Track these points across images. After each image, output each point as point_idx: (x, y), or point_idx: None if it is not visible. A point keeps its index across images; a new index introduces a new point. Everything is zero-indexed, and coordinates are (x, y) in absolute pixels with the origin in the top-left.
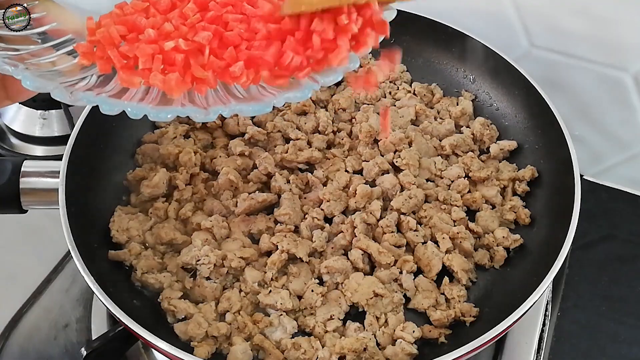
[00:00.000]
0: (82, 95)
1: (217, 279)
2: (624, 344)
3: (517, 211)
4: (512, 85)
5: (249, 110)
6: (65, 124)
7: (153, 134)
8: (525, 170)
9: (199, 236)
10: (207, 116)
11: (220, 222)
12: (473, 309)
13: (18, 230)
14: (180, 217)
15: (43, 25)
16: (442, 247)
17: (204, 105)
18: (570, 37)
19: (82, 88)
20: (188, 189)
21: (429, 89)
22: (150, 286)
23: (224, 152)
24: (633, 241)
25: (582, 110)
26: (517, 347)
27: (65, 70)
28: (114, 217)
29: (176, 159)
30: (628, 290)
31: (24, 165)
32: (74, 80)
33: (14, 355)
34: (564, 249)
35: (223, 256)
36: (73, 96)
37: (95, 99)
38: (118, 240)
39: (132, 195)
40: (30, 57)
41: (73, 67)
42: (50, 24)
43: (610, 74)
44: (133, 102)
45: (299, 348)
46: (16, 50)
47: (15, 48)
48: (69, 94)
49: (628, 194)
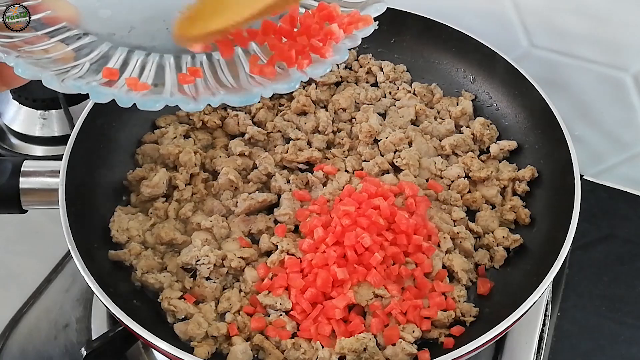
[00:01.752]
0: (73, 83)
1: (217, 279)
2: (624, 344)
3: (517, 211)
4: (512, 85)
5: (237, 100)
6: (65, 124)
7: (153, 134)
8: (525, 170)
9: (198, 236)
10: (197, 105)
11: (220, 222)
12: (473, 309)
13: (18, 230)
14: (180, 217)
15: (38, 13)
16: (443, 247)
17: (193, 95)
18: (570, 37)
19: (74, 76)
20: (188, 189)
21: (429, 89)
22: (150, 286)
23: (224, 152)
24: (633, 241)
25: (582, 110)
26: (517, 347)
27: (58, 58)
28: (114, 217)
29: (176, 159)
30: (628, 290)
31: (24, 165)
32: (66, 68)
33: (14, 355)
34: (564, 249)
35: (223, 256)
36: (64, 84)
37: (85, 87)
38: (118, 240)
39: (132, 195)
40: (23, 44)
41: (66, 55)
42: (45, 12)
43: (610, 74)
44: (122, 91)
45: (299, 348)
46: (10, 38)
47: (9, 35)
48: (60, 82)
49: (628, 194)
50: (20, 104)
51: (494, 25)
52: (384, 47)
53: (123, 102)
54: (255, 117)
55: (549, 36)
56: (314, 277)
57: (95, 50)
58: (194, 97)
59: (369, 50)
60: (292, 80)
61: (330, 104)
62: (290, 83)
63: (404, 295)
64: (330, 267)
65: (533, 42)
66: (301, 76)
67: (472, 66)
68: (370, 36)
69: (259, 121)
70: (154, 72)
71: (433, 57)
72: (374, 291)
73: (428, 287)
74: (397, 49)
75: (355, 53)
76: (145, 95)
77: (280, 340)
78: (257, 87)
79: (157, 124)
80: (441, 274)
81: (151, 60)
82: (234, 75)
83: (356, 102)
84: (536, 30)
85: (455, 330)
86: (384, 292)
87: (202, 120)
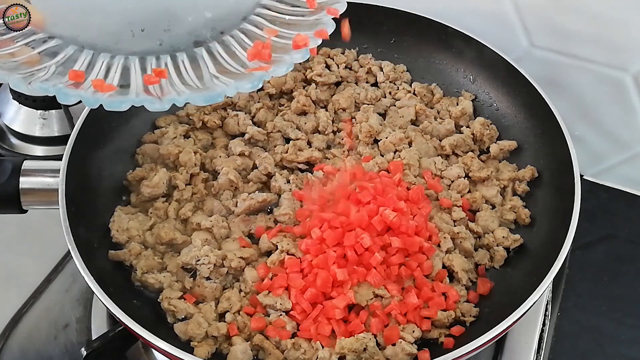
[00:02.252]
0: (40, 85)
1: (217, 279)
2: (624, 344)
3: (517, 211)
4: (512, 85)
5: (200, 99)
6: (65, 124)
7: (153, 134)
8: (525, 171)
9: (198, 236)
10: (162, 105)
11: (220, 222)
12: (473, 309)
13: (18, 230)
14: (180, 217)
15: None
16: (443, 247)
17: (159, 95)
18: (570, 37)
19: (40, 79)
20: (188, 189)
21: (429, 89)
22: (150, 286)
23: (224, 152)
24: (633, 241)
25: (582, 110)
26: (517, 347)
27: (24, 61)
28: (114, 217)
29: (176, 159)
30: (628, 290)
31: (24, 165)
32: (32, 71)
33: (14, 355)
34: (564, 249)
35: (223, 256)
36: (31, 86)
37: (52, 90)
38: (118, 240)
39: (132, 195)
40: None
41: (31, 59)
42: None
43: (610, 74)
44: (89, 92)
45: (299, 348)
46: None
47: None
48: (27, 84)
49: (628, 194)
50: (20, 104)
51: (494, 25)
52: (384, 47)
53: (90, 103)
54: (255, 117)
55: (549, 36)
56: (314, 277)
57: (61, 53)
58: (159, 97)
59: (369, 50)
60: (255, 80)
61: (330, 104)
62: (253, 82)
63: (404, 295)
64: (330, 267)
65: (533, 42)
66: (264, 75)
67: (472, 66)
68: (371, 36)
69: (259, 121)
70: (119, 74)
71: (433, 57)
72: (374, 291)
73: (429, 287)
74: (397, 49)
75: (355, 53)
76: (111, 96)
77: (280, 340)
78: (221, 87)
79: (157, 124)
80: (441, 274)
81: (116, 62)
82: (198, 75)
83: (356, 102)
84: (536, 30)
85: (455, 330)
86: (384, 292)
87: (202, 120)
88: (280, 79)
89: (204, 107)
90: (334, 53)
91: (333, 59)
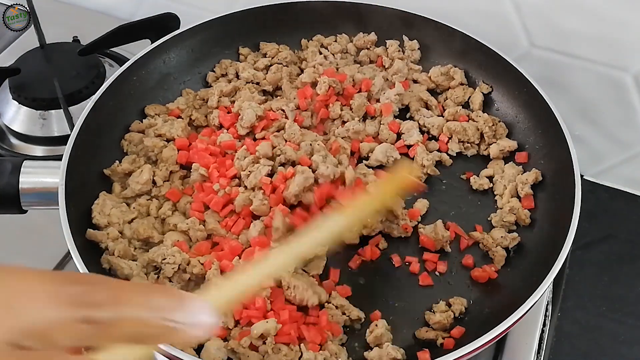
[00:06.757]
0: None
1: (179, 284)
2: (624, 344)
3: (517, 212)
4: (512, 85)
5: None
6: (65, 124)
7: (141, 122)
8: (529, 174)
9: (171, 237)
10: None
11: (197, 225)
12: (464, 301)
13: (18, 230)
14: (160, 216)
15: None
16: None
17: None
18: (570, 37)
19: None
20: (166, 185)
21: (448, 73)
22: (120, 270)
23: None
24: (633, 241)
25: (582, 110)
26: (518, 348)
27: None
28: (98, 201)
29: (159, 153)
30: (628, 290)
31: (24, 165)
32: None
33: None
34: (564, 249)
35: (188, 260)
36: None
37: None
38: (98, 222)
39: (115, 185)
40: None
41: None
42: None
43: (610, 74)
44: None
45: (278, 352)
46: None
47: None
48: None
49: (628, 194)
50: (20, 104)
51: (494, 25)
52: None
53: None
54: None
55: (549, 36)
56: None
57: None
58: None
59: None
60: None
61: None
62: None
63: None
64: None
65: (533, 42)
66: None
67: (472, 66)
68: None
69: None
70: None
71: (433, 57)
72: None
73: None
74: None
75: (348, 37)
76: None
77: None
78: None
79: (146, 112)
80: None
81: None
82: None
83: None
84: (536, 30)
85: (455, 332)
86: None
87: (189, 117)
88: (277, 75)
89: (194, 102)
90: (328, 42)
91: (327, 48)
